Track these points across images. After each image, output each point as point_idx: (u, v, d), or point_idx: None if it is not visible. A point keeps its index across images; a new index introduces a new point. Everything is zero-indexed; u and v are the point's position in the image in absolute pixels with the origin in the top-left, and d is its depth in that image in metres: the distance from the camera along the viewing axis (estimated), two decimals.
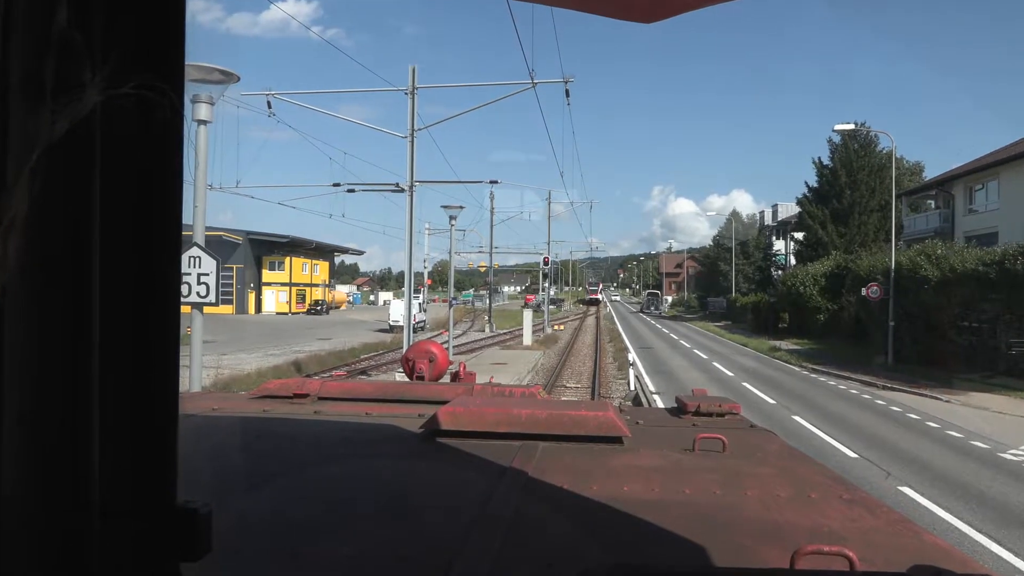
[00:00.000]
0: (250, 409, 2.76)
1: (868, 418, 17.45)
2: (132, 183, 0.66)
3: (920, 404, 19.58)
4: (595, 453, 2.07)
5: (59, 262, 0.61)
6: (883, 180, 45.86)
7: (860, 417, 17.55)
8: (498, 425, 2.15)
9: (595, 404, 2.54)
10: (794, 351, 33.98)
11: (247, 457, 2.06)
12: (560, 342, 41.61)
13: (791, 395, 21.16)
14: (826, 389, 22.94)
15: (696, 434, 2.19)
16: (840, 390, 22.62)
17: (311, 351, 31.81)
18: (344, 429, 2.45)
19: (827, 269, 41.32)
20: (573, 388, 22.93)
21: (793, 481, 1.87)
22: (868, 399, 20.59)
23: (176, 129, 0.67)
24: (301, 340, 38.87)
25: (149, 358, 0.67)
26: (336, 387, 3.08)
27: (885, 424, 16.67)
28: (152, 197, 0.67)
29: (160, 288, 0.68)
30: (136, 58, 0.63)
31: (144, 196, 0.67)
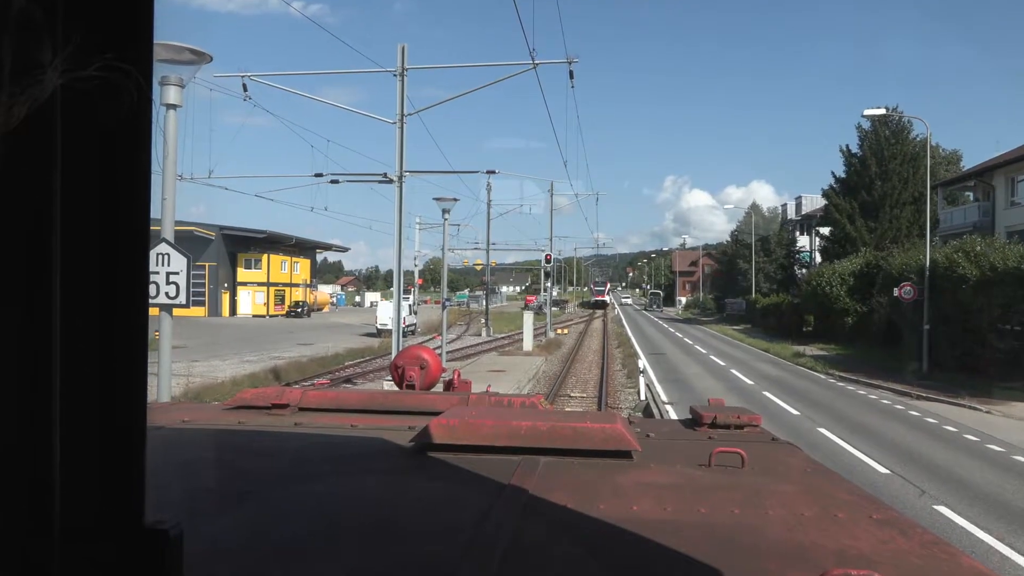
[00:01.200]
0: (224, 421, 2.76)
1: (900, 430, 17.47)
2: (95, 173, 0.66)
3: (957, 415, 19.60)
4: (602, 469, 2.07)
5: (15, 260, 0.61)
6: (917, 170, 45.96)
7: (892, 429, 17.57)
8: (496, 438, 2.15)
9: (602, 415, 2.54)
10: (820, 357, 34.02)
11: (221, 474, 2.06)
12: (564, 347, 41.62)
13: (816, 405, 21.18)
14: (854, 399, 22.96)
15: (712, 448, 2.19)
16: (870, 400, 22.65)
17: (291, 357, 31.81)
18: (327, 443, 2.45)
19: (856, 267, 41.36)
20: (578, 398, 22.94)
21: (819, 499, 1.87)
22: (901, 410, 20.61)
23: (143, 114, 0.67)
24: (280, 345, 38.86)
25: (114, 365, 0.67)
26: (318, 397, 3.08)
27: (919, 437, 16.69)
28: (117, 189, 0.67)
29: (126, 288, 0.68)
30: (100, 37, 0.63)
31: (108, 187, 0.67)
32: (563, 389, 24.69)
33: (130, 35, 0.66)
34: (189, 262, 9.18)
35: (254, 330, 51.18)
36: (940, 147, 56.33)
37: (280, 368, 27.40)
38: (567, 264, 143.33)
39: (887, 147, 47.53)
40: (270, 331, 50.61)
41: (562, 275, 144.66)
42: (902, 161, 47.29)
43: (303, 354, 33.36)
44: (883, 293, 33.85)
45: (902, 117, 45.73)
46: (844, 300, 40.82)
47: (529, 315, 40.78)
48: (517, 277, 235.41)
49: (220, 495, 1.84)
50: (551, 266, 55.27)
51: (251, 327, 54.54)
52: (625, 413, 17.89)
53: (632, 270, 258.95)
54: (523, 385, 23.56)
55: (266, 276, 71.22)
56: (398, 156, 20.71)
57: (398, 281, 21.53)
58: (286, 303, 73.44)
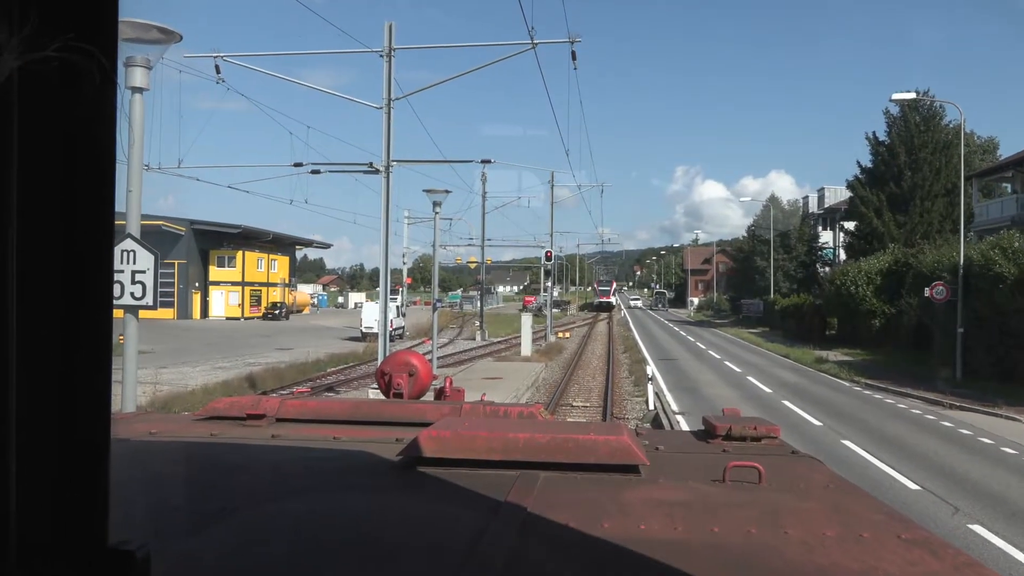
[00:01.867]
0: (195, 433, 2.76)
1: (932, 443, 17.50)
2: (55, 163, 0.66)
3: (994, 426, 19.64)
4: (607, 485, 2.07)
5: None
6: (950, 159, 46.07)
7: (922, 442, 17.60)
8: (491, 451, 2.15)
9: (607, 427, 2.54)
10: (844, 363, 34.07)
11: (191, 490, 2.06)
12: (565, 352, 41.64)
13: (840, 415, 21.21)
14: (882, 408, 23.00)
15: (727, 462, 2.20)
16: (899, 409, 22.69)
17: (268, 363, 31.79)
18: (307, 457, 2.45)
19: (883, 265, 41.44)
20: (581, 408, 22.96)
21: (842, 518, 1.88)
22: (932, 420, 20.66)
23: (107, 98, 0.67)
24: (256, 350, 38.83)
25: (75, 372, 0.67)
26: (298, 406, 3.08)
27: (952, 450, 16.73)
28: (79, 180, 0.67)
29: (89, 288, 0.68)
30: (60, 15, 0.63)
31: (70, 179, 0.67)
32: (565, 398, 24.70)
33: (92, 13, 0.66)
34: (157, 259, 9.17)
35: (227, 334, 51.13)
36: (975, 134, 56.50)
37: (256, 375, 27.37)
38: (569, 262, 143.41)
39: (917, 134, 47.60)
40: (245, 335, 50.55)
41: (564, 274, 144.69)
42: (933, 150, 47.36)
43: (281, 360, 33.33)
44: (913, 293, 33.91)
45: (933, 102, 45.88)
46: (870, 301, 40.89)
47: (528, 317, 40.80)
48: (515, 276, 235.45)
49: (190, 513, 1.84)
50: (552, 264, 55.30)
51: (224, 330, 54.48)
52: (632, 424, 17.90)
53: (640, 268, 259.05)
54: (521, 394, 23.57)
55: (241, 275, 71.13)
56: (385, 144, 20.70)
57: (385, 280, 21.52)
58: (262, 304, 73.36)
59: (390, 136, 20.66)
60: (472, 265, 66.15)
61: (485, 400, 3.57)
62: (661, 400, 22.35)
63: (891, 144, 48.80)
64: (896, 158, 48.02)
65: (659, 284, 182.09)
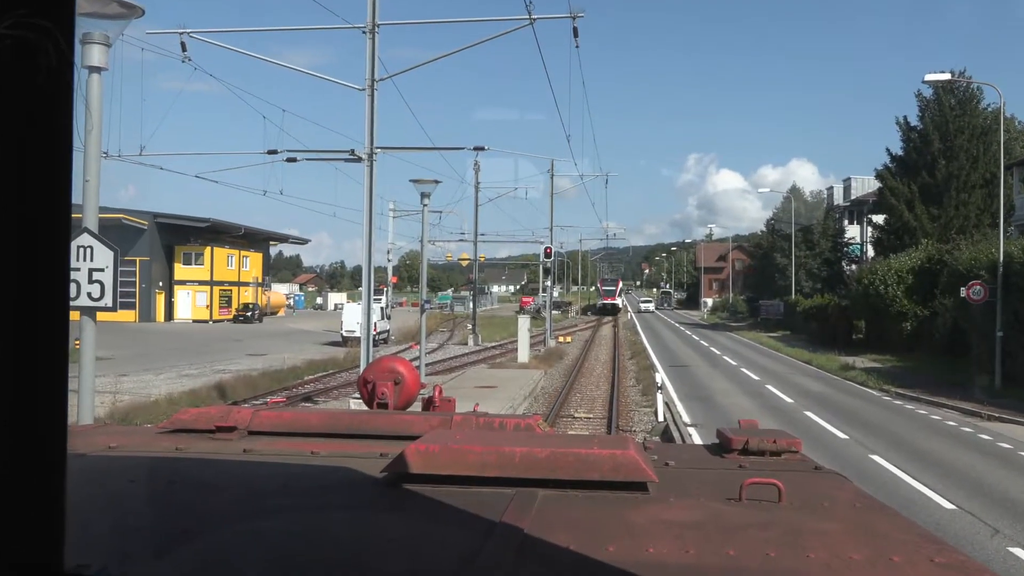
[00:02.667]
0: (159, 447, 2.76)
1: (968, 458, 17.55)
2: (9, 150, 0.66)
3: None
4: (612, 504, 2.08)
5: None
6: (988, 146, 46.17)
7: (958, 456, 17.64)
8: (484, 467, 2.16)
9: (612, 440, 2.55)
10: (872, 370, 34.14)
11: (155, 510, 2.06)
12: (567, 358, 41.67)
13: (868, 428, 21.26)
14: (914, 420, 23.05)
15: (744, 479, 2.20)
16: (932, 421, 22.74)
17: (239, 370, 31.77)
18: (282, 473, 2.45)
19: (915, 263, 41.52)
20: (583, 419, 22.99)
21: (870, 540, 1.88)
22: (969, 432, 20.71)
23: (63, 79, 0.67)
24: (226, 356, 38.79)
25: (28, 381, 0.67)
26: (272, 418, 3.08)
27: (991, 465, 16.77)
28: (32, 168, 0.67)
29: (42, 288, 0.68)
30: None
31: (21, 167, 0.67)
32: (566, 408, 24.72)
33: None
34: (116, 256, 9.16)
35: (194, 338, 51.08)
36: (1016, 119, 56.55)
37: (226, 383, 27.35)
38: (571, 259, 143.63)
39: (952, 119, 47.69)
40: (214, 339, 50.49)
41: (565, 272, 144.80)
42: (970, 136, 47.46)
43: (253, 367, 33.30)
44: (948, 294, 33.96)
45: (970, 84, 45.86)
46: (901, 302, 40.97)
47: (525, 320, 40.84)
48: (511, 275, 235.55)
49: (154, 535, 1.84)
50: (552, 262, 55.32)
51: (191, 334, 54.44)
52: (640, 437, 17.93)
53: (648, 267, 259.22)
54: (517, 404, 23.59)
55: (209, 273, 71.09)
56: (368, 129, 20.68)
57: (368, 279, 21.51)
58: (233, 305, 73.32)
59: (373, 121, 20.65)
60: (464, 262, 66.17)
61: (478, 411, 3.57)
62: (671, 411, 22.37)
63: (924, 130, 48.89)
64: (929, 145, 48.10)
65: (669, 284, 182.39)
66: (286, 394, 26.60)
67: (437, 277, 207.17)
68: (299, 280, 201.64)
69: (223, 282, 73.06)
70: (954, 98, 48.01)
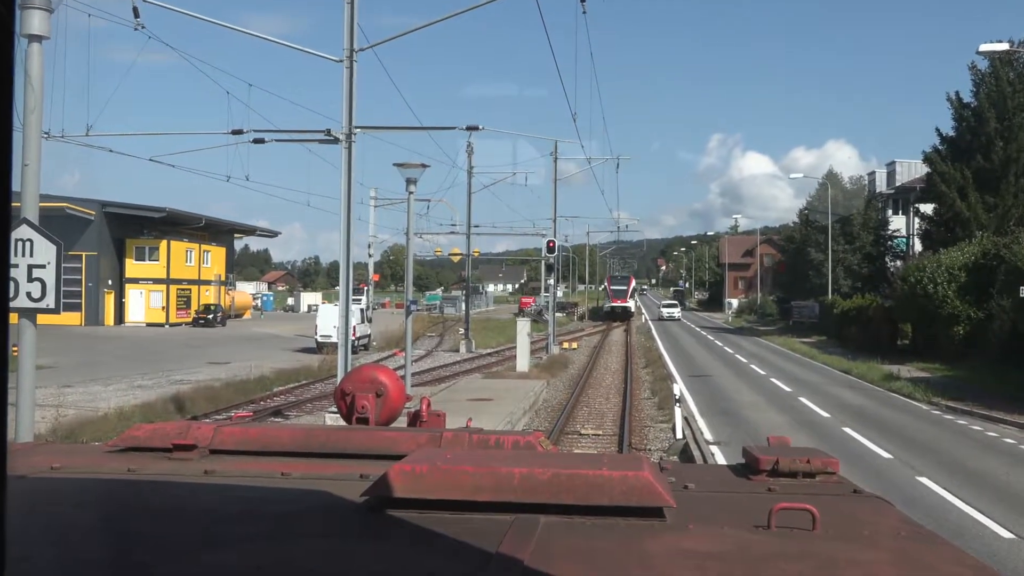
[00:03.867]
0: (109, 468, 2.76)
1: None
2: None
3: None
4: (623, 532, 2.08)
5: None
6: None
7: (1018, 479, 17.65)
8: (479, 490, 2.16)
9: (623, 459, 2.55)
10: (919, 380, 34.16)
11: (104, 539, 2.06)
12: (572, 367, 41.68)
13: (915, 446, 21.27)
14: (967, 437, 23.07)
15: (773, 504, 2.20)
16: (988, 438, 22.76)
17: (199, 381, 31.75)
18: (249, 497, 2.45)
19: (969, 259, 41.53)
20: (591, 437, 23.00)
21: (916, 571, 1.88)
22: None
23: (1, 49, 0.67)
24: (184, 364, 38.76)
25: None
26: (237, 435, 3.08)
27: None
28: None
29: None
30: None
31: None
32: (571, 424, 24.72)
33: None
34: (60, 251, 9.16)
35: (148, 344, 51.06)
36: None
37: (184, 396, 27.33)
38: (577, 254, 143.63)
39: (1011, 95, 47.66)
40: (171, 345, 50.46)
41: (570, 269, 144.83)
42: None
43: (216, 376, 33.26)
44: (1006, 293, 33.99)
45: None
46: (952, 303, 40.97)
47: (525, 323, 40.79)
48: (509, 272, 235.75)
49: (103, 568, 1.84)
50: (555, 257, 55.33)
51: (144, 340, 54.42)
52: (655, 457, 17.93)
53: (665, 263, 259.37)
54: (516, 419, 23.58)
55: (165, 270, 71.08)
56: (345, 106, 20.67)
57: (346, 277, 21.51)
58: (192, 307, 73.31)
59: (352, 97, 20.63)
60: (455, 258, 66.14)
61: (471, 427, 3.57)
62: (691, 427, 22.37)
63: (979, 107, 48.87)
64: (985, 125, 48.09)
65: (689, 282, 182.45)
66: (253, 408, 26.57)
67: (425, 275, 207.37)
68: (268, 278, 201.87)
69: (181, 280, 73.04)
70: (1013, 71, 47.96)
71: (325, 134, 21.45)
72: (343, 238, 21.09)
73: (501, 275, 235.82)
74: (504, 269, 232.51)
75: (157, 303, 70.52)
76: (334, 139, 21.01)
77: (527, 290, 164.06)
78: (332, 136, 21.08)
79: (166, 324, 68.88)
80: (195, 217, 73.21)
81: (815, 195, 77.24)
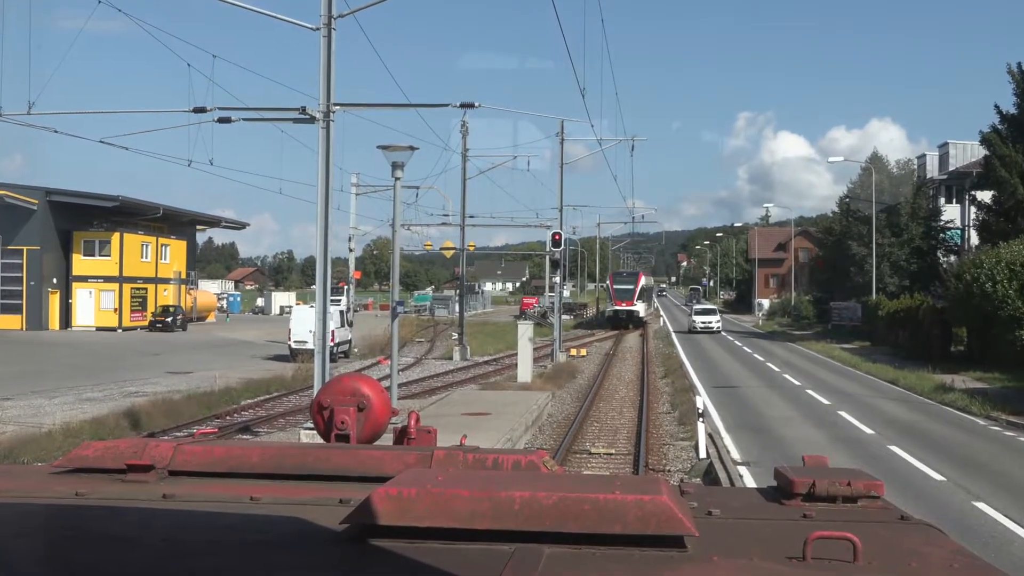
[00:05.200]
0: (54, 491, 2.76)
1: None
2: None
3: None
4: (638, 564, 2.08)
5: None
6: None
7: None
8: (475, 517, 2.16)
9: (639, 482, 2.55)
10: (977, 391, 34.14)
11: (49, 572, 2.06)
12: (580, 377, 41.70)
13: (971, 466, 21.27)
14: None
15: (809, 532, 2.20)
16: None
17: (157, 393, 31.75)
18: (213, 525, 2.45)
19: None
20: (602, 456, 23.01)
21: None
22: None
23: None
24: (139, 374, 38.77)
25: None
26: (200, 454, 3.08)
27: None
28: None
29: None
30: None
31: None
32: (579, 442, 24.74)
33: None
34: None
35: (99, 350, 51.06)
36: None
37: (140, 410, 27.35)
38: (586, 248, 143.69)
39: None
40: (124, 352, 50.47)
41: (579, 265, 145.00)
42: None
43: (175, 388, 33.29)
44: None
45: None
46: (1015, 303, 40.94)
47: (527, 327, 40.73)
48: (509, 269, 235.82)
49: None
50: (562, 252, 55.37)
51: (94, 346, 54.41)
52: (675, 479, 17.94)
53: (687, 258, 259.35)
54: (517, 436, 23.59)
55: (118, 267, 71.05)
56: (323, 81, 20.67)
57: (323, 275, 21.52)
58: (149, 309, 73.31)
59: (331, 70, 20.63)
60: (448, 253, 66.16)
61: (466, 445, 3.57)
62: (716, 445, 22.37)
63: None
64: None
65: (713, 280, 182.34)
66: (218, 423, 26.56)
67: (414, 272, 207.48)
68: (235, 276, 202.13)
69: (136, 278, 73.03)
70: None
71: (300, 112, 21.46)
72: (320, 230, 21.09)
73: (500, 272, 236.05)
74: (503, 266, 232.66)
75: (108, 304, 70.46)
76: (310, 118, 21.01)
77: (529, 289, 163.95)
78: (308, 114, 21.08)
79: (119, 328, 68.85)
80: (152, 206, 73.16)
81: (857, 181, 77.08)
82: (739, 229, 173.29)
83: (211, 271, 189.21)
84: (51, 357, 45.93)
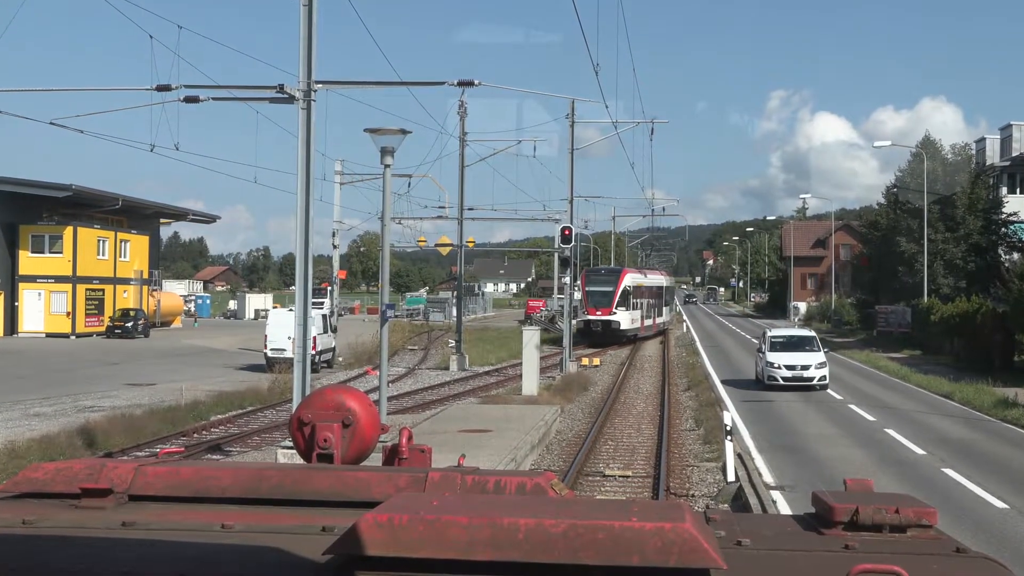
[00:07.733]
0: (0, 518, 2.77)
1: None
2: None
3: None
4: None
5: None
6: None
7: None
8: (474, 547, 2.16)
9: (659, 508, 2.55)
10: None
11: None
12: (593, 389, 41.69)
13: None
14: None
15: (852, 564, 2.21)
16: None
17: (115, 407, 31.76)
18: (180, 557, 2.46)
19: None
20: (617, 479, 23.00)
21: None
22: None
23: None
24: (96, 386, 38.76)
25: None
26: (165, 476, 3.09)
27: None
28: None
29: None
30: None
31: None
32: (591, 463, 24.73)
33: None
34: None
35: (49, 360, 51.05)
36: None
37: (96, 427, 27.34)
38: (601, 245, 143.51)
39: None
40: (78, 361, 50.46)
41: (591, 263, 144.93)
42: None
43: (136, 402, 33.29)
44: None
45: None
46: None
47: (532, 333, 40.73)
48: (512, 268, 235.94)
49: None
50: (572, 248, 55.32)
51: (44, 354, 54.43)
52: (700, 505, 17.91)
53: (713, 256, 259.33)
54: (522, 456, 23.59)
55: (71, 265, 71.06)
56: (304, 56, 20.68)
57: (304, 274, 21.53)
58: (106, 312, 73.33)
59: (312, 43, 20.64)
60: (444, 250, 66.23)
61: (465, 466, 3.58)
62: (746, 466, 22.35)
63: None
64: None
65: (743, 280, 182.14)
66: (184, 442, 26.58)
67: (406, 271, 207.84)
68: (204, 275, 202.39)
69: (91, 278, 73.04)
70: None
71: (278, 91, 21.46)
72: (300, 224, 21.10)
73: (502, 272, 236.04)
74: (506, 264, 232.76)
75: (60, 307, 70.47)
76: (289, 97, 21.02)
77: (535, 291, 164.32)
78: (286, 93, 21.08)
79: (72, 335, 68.91)
80: (110, 197, 73.18)
81: (907, 169, 77.06)
82: (772, 223, 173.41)
83: (177, 270, 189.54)
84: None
